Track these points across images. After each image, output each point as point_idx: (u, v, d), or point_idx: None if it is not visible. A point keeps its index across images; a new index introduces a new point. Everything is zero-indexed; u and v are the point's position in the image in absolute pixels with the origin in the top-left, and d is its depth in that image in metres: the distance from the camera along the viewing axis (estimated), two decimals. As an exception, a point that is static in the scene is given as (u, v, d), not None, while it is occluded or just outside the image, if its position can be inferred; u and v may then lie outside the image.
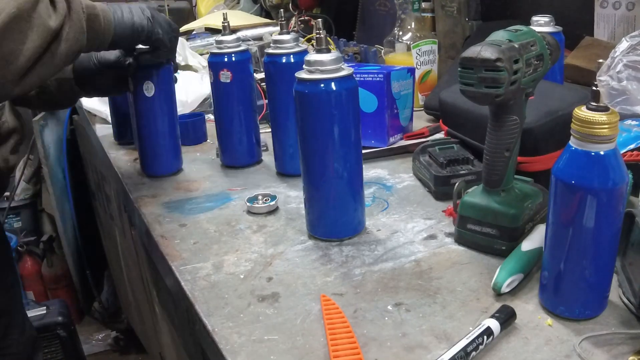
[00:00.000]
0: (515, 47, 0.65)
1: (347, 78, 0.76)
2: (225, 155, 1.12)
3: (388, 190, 0.96)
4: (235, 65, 1.05)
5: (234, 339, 0.62)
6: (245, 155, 1.11)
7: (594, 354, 0.56)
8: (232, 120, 1.08)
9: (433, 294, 0.67)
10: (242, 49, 1.07)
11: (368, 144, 1.09)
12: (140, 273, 1.47)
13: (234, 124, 1.08)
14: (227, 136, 1.10)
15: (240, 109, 1.08)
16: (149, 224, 0.91)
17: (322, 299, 0.67)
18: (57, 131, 2.20)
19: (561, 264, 0.59)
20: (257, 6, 2.38)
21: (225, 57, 1.05)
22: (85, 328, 2.43)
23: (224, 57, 1.05)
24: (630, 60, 0.93)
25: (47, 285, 2.44)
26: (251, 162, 1.12)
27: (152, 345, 1.79)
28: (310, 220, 0.82)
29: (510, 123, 0.69)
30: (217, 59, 1.06)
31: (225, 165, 1.12)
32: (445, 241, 0.79)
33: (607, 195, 0.55)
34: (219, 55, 1.06)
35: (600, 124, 0.54)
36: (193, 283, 0.73)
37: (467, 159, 0.93)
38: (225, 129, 1.09)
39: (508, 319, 0.60)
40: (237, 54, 1.06)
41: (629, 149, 0.85)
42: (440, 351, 0.56)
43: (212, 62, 1.07)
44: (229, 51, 1.05)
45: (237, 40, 1.07)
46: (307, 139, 0.78)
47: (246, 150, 1.10)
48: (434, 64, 1.43)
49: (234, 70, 1.05)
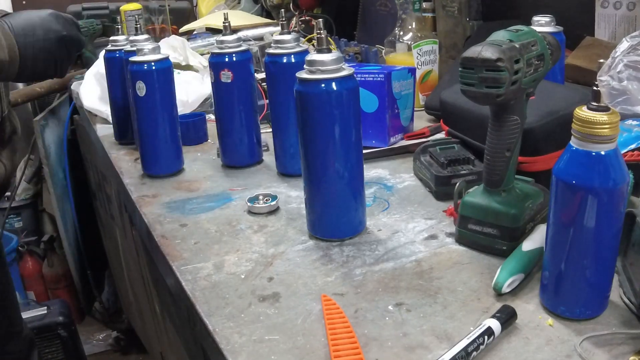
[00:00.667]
0: (516, 47, 0.65)
1: (348, 78, 0.76)
2: (226, 156, 1.12)
3: (389, 190, 0.96)
4: (236, 65, 1.05)
5: (234, 339, 0.62)
6: (246, 155, 1.11)
7: (595, 354, 0.56)
8: (233, 120, 1.08)
9: (434, 294, 0.67)
10: (243, 49, 1.07)
11: (369, 144, 1.09)
12: (141, 273, 1.47)
13: (234, 123, 1.08)
14: (228, 136, 1.10)
15: (241, 109, 1.08)
16: (149, 224, 0.91)
17: (322, 299, 0.67)
18: (57, 131, 2.20)
19: (562, 264, 0.59)
20: (258, 6, 2.38)
21: (226, 57, 1.05)
22: (86, 328, 2.43)
23: (225, 57, 1.05)
24: (630, 60, 0.93)
25: (47, 285, 2.44)
26: (252, 162, 1.12)
27: (152, 345, 1.79)
28: (311, 220, 0.82)
29: (511, 123, 0.69)
30: (218, 59, 1.06)
31: (226, 165, 1.12)
32: (446, 241, 0.79)
33: (608, 195, 0.55)
34: (219, 55, 1.06)
35: (601, 124, 0.54)
36: (194, 283, 0.73)
37: (467, 159, 0.93)
38: (226, 129, 1.09)
39: (509, 319, 0.60)
40: (237, 54, 1.06)
41: (629, 148, 0.85)
42: (441, 351, 0.56)
43: (213, 62, 1.07)
44: (229, 51, 1.05)
45: (237, 40, 1.07)
46: (308, 139, 0.78)
47: (247, 150, 1.10)
48: (434, 64, 1.43)
49: (235, 70, 1.05)
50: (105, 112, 1.43)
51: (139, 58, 1.05)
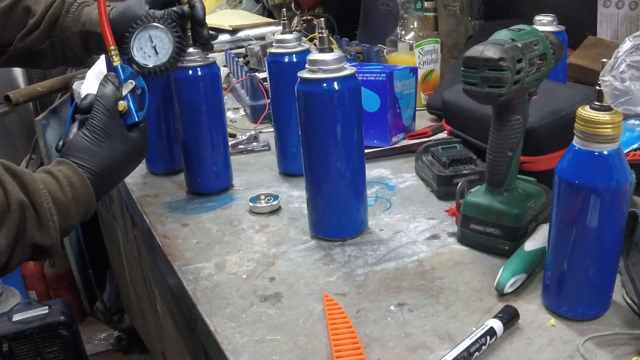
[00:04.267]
0: (518, 47, 0.65)
1: (350, 77, 0.76)
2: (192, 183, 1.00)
3: (391, 190, 0.96)
4: None
5: (236, 339, 0.62)
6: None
7: (598, 355, 0.56)
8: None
9: (436, 294, 0.67)
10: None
11: (371, 144, 1.09)
12: (142, 273, 1.47)
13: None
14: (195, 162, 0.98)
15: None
16: (151, 223, 0.91)
17: (324, 299, 0.67)
18: (59, 130, 2.20)
19: (564, 264, 0.59)
20: (260, 6, 2.37)
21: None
22: (88, 328, 2.44)
23: None
24: (633, 61, 0.93)
25: (49, 284, 2.44)
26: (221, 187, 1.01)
27: (154, 344, 1.79)
28: (313, 220, 0.82)
29: (514, 123, 0.69)
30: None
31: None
32: (448, 241, 0.78)
33: (610, 195, 0.55)
34: None
35: (603, 124, 0.54)
36: (195, 283, 0.73)
37: (470, 159, 0.93)
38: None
39: (511, 319, 0.60)
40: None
41: (632, 148, 0.84)
42: (443, 351, 0.56)
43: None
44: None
45: None
46: (310, 139, 0.77)
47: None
48: (436, 63, 1.42)
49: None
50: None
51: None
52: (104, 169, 0.73)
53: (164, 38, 0.83)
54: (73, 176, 0.69)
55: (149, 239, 0.92)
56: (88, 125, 0.74)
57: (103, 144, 0.73)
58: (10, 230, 0.61)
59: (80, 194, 0.69)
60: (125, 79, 0.79)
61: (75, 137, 0.73)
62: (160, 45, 0.83)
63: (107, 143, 0.73)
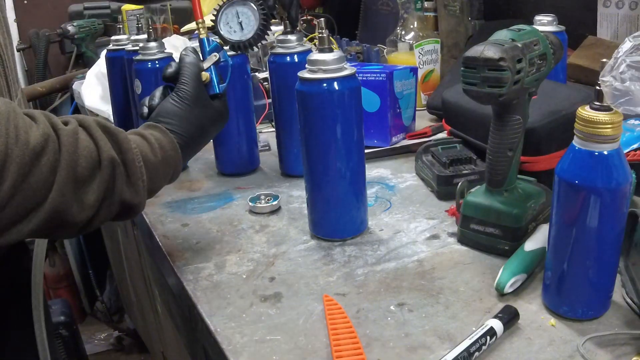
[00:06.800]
0: (518, 47, 0.65)
1: (350, 77, 0.76)
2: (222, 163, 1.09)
3: (390, 190, 0.96)
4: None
5: (236, 339, 0.62)
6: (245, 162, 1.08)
7: (598, 355, 0.56)
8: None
9: (436, 294, 0.67)
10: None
11: (370, 144, 1.09)
12: (142, 273, 1.47)
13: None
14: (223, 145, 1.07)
15: None
16: (151, 223, 0.91)
17: (324, 299, 0.67)
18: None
19: (564, 264, 0.59)
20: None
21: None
22: (88, 327, 2.44)
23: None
24: (633, 61, 0.93)
25: (49, 284, 2.44)
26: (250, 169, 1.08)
27: (154, 344, 1.79)
28: (313, 220, 0.82)
29: (514, 123, 0.69)
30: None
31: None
32: (448, 241, 0.78)
33: (610, 195, 0.55)
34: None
35: (603, 124, 0.54)
36: (195, 283, 0.73)
37: (469, 159, 0.93)
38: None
39: (511, 319, 0.60)
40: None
41: (632, 148, 0.84)
42: (443, 351, 0.56)
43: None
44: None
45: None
46: (310, 139, 0.77)
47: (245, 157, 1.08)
48: (436, 63, 1.42)
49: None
50: (106, 112, 1.43)
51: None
52: (192, 134, 0.75)
53: (250, 15, 0.86)
54: (164, 140, 0.71)
55: (149, 239, 0.92)
56: (179, 92, 0.76)
57: (193, 111, 0.75)
58: (100, 185, 0.61)
59: (169, 157, 0.71)
60: (209, 51, 0.81)
61: (166, 103, 0.75)
62: (246, 22, 0.86)
63: (196, 110, 0.76)
